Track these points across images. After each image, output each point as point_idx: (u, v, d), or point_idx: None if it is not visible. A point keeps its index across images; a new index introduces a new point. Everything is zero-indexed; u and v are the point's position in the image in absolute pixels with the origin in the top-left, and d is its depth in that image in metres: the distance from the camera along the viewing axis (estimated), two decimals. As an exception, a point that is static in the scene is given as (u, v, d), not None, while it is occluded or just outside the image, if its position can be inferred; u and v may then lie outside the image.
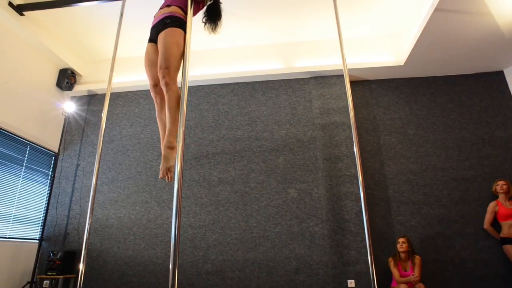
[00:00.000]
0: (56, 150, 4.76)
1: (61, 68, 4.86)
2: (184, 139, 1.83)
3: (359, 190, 2.77)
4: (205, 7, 2.50)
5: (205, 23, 2.54)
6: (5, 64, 3.95)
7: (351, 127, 4.28)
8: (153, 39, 2.23)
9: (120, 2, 3.71)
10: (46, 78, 4.65)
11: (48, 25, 4.36)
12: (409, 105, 4.50)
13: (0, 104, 3.85)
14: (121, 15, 3.68)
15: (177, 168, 1.76)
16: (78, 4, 3.83)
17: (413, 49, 4.04)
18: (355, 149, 2.97)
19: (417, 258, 3.58)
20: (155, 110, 4.94)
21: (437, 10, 3.42)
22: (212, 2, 2.53)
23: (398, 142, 4.35)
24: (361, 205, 2.96)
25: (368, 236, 2.70)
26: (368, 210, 3.47)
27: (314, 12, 4.19)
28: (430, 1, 3.43)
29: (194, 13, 2.31)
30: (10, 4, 3.78)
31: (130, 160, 4.61)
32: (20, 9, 3.86)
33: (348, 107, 4.37)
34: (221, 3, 2.55)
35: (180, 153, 1.80)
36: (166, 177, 1.92)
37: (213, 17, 2.52)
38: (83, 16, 4.23)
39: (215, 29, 2.55)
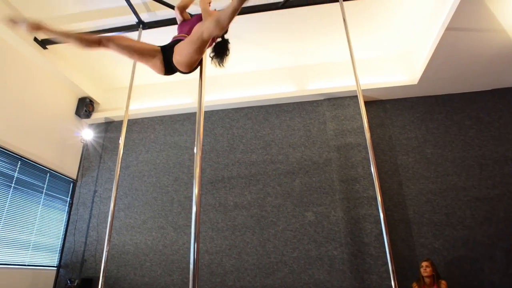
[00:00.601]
0: (75, 177, 4.85)
1: (80, 97, 5.03)
2: (201, 164, 1.84)
3: (378, 212, 2.71)
4: (214, 43, 2.58)
5: (212, 58, 2.60)
6: (29, 95, 4.13)
7: (367, 148, 4.26)
8: (163, 47, 2.25)
9: (137, 32, 3.90)
10: (66, 107, 4.81)
11: (68, 57, 4.56)
12: (425, 124, 4.44)
13: (23, 134, 3.99)
14: (138, 45, 3.84)
15: (195, 192, 1.76)
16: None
17: (426, 68, 4.02)
18: (373, 170, 2.93)
19: (443, 283, 3.42)
20: (170, 136, 5.03)
21: (448, 29, 3.42)
22: (221, 40, 2.60)
23: (416, 162, 4.27)
24: (381, 228, 2.88)
25: (391, 260, 2.61)
26: (389, 233, 3.37)
27: (324, 35, 4.25)
28: (441, 20, 3.45)
29: (209, 45, 2.39)
30: (35, 39, 4.00)
31: (146, 185, 4.65)
32: (44, 44, 4.06)
33: (362, 127, 4.36)
34: (229, 43, 2.63)
35: (197, 177, 1.80)
36: None
37: (220, 52, 2.58)
38: (101, 47, 4.40)
39: (221, 63, 2.59)
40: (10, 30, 3.65)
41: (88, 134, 5.05)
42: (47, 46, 4.13)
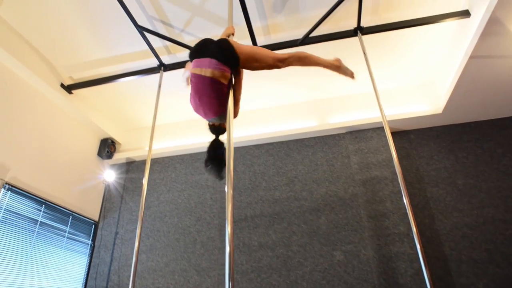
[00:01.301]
0: (96, 219, 4.82)
1: (102, 138, 5.11)
2: (232, 202, 1.74)
3: (416, 249, 2.53)
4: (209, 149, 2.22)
5: (208, 168, 2.18)
6: (53, 138, 4.21)
7: (393, 181, 4.09)
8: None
9: (158, 74, 3.99)
10: (88, 149, 4.88)
11: (91, 100, 4.69)
12: (453, 153, 4.26)
13: (46, 177, 4.02)
14: (159, 86, 3.92)
15: (228, 231, 1.65)
16: (120, 79, 4.12)
17: (450, 97, 3.92)
18: (406, 204, 2.78)
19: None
20: (191, 175, 4.95)
21: (472, 57, 3.35)
22: (216, 141, 2.21)
23: (447, 193, 4.05)
24: (420, 266, 2.68)
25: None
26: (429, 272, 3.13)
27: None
28: (464, 49, 3.39)
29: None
30: (62, 85, 4.15)
31: (168, 226, 4.55)
32: (69, 89, 4.20)
33: (388, 160, 4.22)
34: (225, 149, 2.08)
35: (230, 215, 1.69)
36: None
37: (217, 163, 2.17)
38: (122, 88, 4.53)
39: (219, 176, 2.15)
40: (37, 77, 3.79)
41: (110, 175, 5.07)
42: (72, 91, 4.26)
